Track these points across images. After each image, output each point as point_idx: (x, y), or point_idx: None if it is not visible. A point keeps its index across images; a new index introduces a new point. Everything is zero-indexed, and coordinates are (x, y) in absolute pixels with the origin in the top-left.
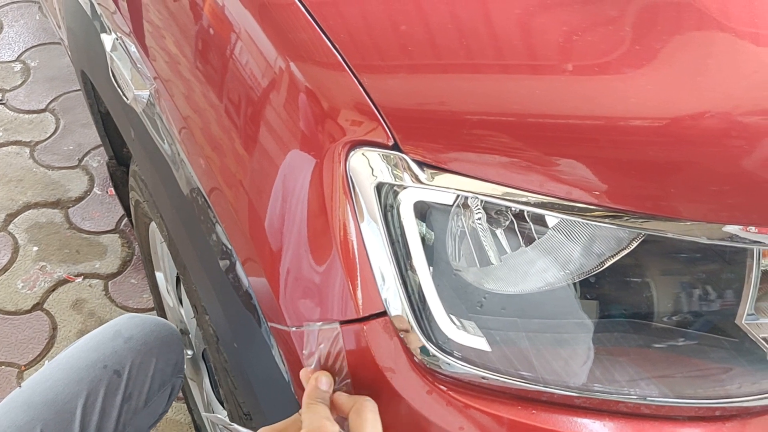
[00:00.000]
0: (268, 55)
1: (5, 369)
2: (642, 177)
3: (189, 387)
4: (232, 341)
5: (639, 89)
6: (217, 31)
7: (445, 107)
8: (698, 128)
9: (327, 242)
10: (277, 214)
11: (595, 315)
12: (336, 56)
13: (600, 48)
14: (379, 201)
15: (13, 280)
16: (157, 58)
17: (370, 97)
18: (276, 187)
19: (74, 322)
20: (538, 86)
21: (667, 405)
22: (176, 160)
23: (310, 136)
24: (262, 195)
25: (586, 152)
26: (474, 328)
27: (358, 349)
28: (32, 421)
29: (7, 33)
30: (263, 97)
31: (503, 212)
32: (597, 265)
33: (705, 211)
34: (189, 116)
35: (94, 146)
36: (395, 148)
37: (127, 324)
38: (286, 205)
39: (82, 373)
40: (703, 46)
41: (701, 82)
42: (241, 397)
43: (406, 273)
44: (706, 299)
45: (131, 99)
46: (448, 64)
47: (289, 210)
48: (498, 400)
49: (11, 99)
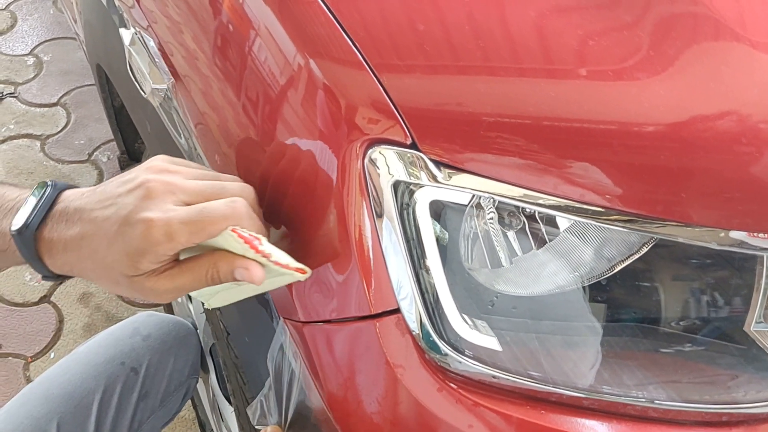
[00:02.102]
0: (287, 52)
1: (12, 360)
2: (654, 182)
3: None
4: (244, 336)
5: (653, 95)
6: (236, 26)
7: (462, 108)
8: (710, 134)
9: (342, 238)
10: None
11: (605, 318)
12: (356, 54)
13: (616, 53)
14: (396, 199)
15: (21, 273)
16: (175, 53)
17: (389, 95)
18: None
19: (81, 315)
20: (553, 89)
21: (675, 409)
22: (193, 155)
23: (327, 133)
24: (278, 191)
25: (601, 156)
26: (485, 328)
27: (370, 345)
28: (49, 414)
29: (20, 26)
30: (281, 93)
31: (515, 214)
32: (608, 269)
33: (716, 217)
34: (206, 112)
35: (104, 141)
36: (413, 146)
37: (146, 322)
38: (300, 201)
39: (99, 369)
40: (719, 54)
41: (715, 89)
42: (249, 392)
43: (420, 271)
44: (714, 305)
45: (148, 93)
46: (465, 65)
47: (303, 206)
48: (507, 400)
49: (23, 92)
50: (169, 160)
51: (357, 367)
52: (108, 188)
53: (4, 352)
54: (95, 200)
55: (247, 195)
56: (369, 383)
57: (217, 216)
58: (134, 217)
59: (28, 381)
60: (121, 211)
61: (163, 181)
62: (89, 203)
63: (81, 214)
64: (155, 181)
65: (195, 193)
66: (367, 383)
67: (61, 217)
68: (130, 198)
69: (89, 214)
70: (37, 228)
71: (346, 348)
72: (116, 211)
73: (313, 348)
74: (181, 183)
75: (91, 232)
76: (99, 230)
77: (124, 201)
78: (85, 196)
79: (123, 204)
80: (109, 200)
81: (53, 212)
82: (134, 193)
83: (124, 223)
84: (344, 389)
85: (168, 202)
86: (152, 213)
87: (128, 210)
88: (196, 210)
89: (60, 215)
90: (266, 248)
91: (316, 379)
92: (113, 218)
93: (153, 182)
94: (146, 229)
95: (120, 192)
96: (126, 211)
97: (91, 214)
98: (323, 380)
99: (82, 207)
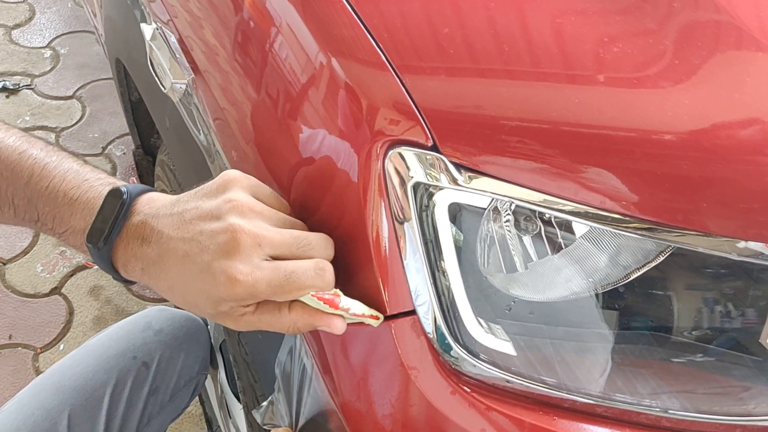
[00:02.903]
0: (309, 50)
1: (22, 351)
2: (675, 190)
3: None
4: (257, 332)
5: (677, 103)
6: (258, 22)
7: (484, 111)
8: (733, 144)
9: (360, 238)
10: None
11: (619, 326)
12: (379, 55)
13: (639, 60)
14: (415, 201)
15: (33, 264)
16: (196, 48)
17: (411, 97)
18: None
19: (90, 308)
20: (577, 95)
21: (688, 419)
22: (211, 151)
23: (347, 133)
24: (295, 189)
25: (622, 163)
26: (501, 332)
27: (384, 347)
28: (61, 405)
29: (38, 19)
30: (301, 91)
31: (531, 218)
32: (623, 277)
33: (733, 227)
34: (225, 107)
35: (118, 135)
36: (434, 149)
37: (158, 317)
38: (319, 201)
39: (111, 362)
40: (742, 63)
41: (738, 99)
42: (260, 390)
43: (437, 274)
44: (729, 316)
45: (168, 88)
46: (488, 68)
47: (321, 206)
48: (520, 405)
49: (40, 84)
50: (252, 189)
51: (371, 367)
52: (187, 213)
53: (13, 343)
54: (173, 225)
55: (330, 253)
56: (382, 384)
57: (305, 283)
58: (218, 268)
59: (37, 372)
60: (204, 255)
61: (251, 233)
62: (167, 227)
63: (159, 238)
64: (243, 232)
65: (282, 247)
66: (381, 384)
67: (137, 233)
68: (214, 242)
69: (168, 242)
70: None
71: (360, 348)
72: (199, 252)
73: (327, 347)
74: (268, 235)
75: (169, 264)
76: (178, 265)
77: (207, 243)
78: (162, 213)
79: (206, 247)
80: (190, 233)
81: (129, 225)
82: (219, 239)
83: (207, 271)
84: (357, 390)
85: (254, 256)
86: (238, 269)
87: (211, 257)
88: (284, 275)
89: (136, 230)
90: (345, 304)
91: (329, 379)
92: (195, 260)
93: (241, 233)
94: (229, 284)
95: (204, 230)
96: (209, 258)
97: (170, 244)
98: (337, 380)
99: (161, 230)
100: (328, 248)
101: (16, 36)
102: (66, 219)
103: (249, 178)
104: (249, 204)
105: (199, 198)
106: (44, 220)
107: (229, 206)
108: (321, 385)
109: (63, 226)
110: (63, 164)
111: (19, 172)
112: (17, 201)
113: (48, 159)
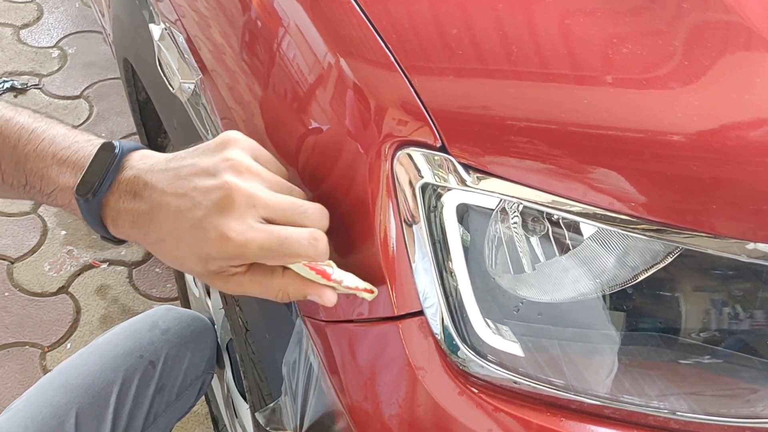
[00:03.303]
0: (317, 50)
1: (29, 349)
2: (685, 191)
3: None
4: (264, 332)
5: (687, 104)
6: (265, 22)
7: (492, 111)
8: (743, 145)
9: (368, 239)
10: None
11: (627, 327)
12: (387, 55)
13: (648, 61)
14: (423, 201)
15: (41, 263)
16: (203, 48)
17: (420, 97)
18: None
19: (97, 307)
20: (586, 96)
21: (696, 421)
22: None
23: (355, 133)
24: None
25: (631, 164)
26: (508, 333)
27: (392, 347)
28: (69, 404)
29: (46, 19)
30: (309, 91)
31: (539, 219)
32: (631, 278)
33: (742, 228)
34: (232, 106)
35: (125, 134)
36: (442, 149)
37: (165, 316)
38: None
39: (118, 361)
40: (751, 64)
41: (747, 100)
42: (267, 389)
43: (444, 274)
44: (738, 318)
45: (177, 88)
46: (496, 69)
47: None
48: (528, 406)
49: (47, 84)
50: (251, 151)
51: (378, 367)
52: (183, 169)
53: (21, 341)
54: (167, 180)
55: (325, 224)
56: (390, 384)
57: (297, 251)
58: (210, 224)
59: (44, 371)
60: (196, 211)
61: (246, 193)
62: (161, 182)
63: (152, 192)
64: (238, 190)
65: (277, 211)
66: (388, 384)
67: (128, 187)
68: (208, 199)
69: (160, 196)
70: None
71: (367, 348)
72: (191, 207)
73: (335, 347)
74: (264, 197)
75: (160, 218)
76: (169, 220)
77: (200, 199)
78: (156, 168)
79: (199, 202)
80: (184, 188)
81: (120, 179)
82: (213, 195)
83: (198, 227)
84: (364, 390)
85: (248, 216)
86: (230, 227)
87: (204, 213)
88: (277, 239)
89: (128, 184)
90: (337, 276)
91: (336, 380)
92: (187, 215)
93: (236, 191)
94: (221, 241)
95: (198, 186)
96: (201, 213)
97: (163, 198)
98: (344, 380)
99: (153, 185)
100: (324, 219)
101: (25, 36)
102: (54, 178)
103: (249, 140)
104: (246, 164)
105: (196, 155)
106: (32, 182)
107: (227, 165)
108: (328, 385)
109: (51, 185)
110: (52, 129)
111: (6, 137)
112: (4, 166)
113: (36, 124)
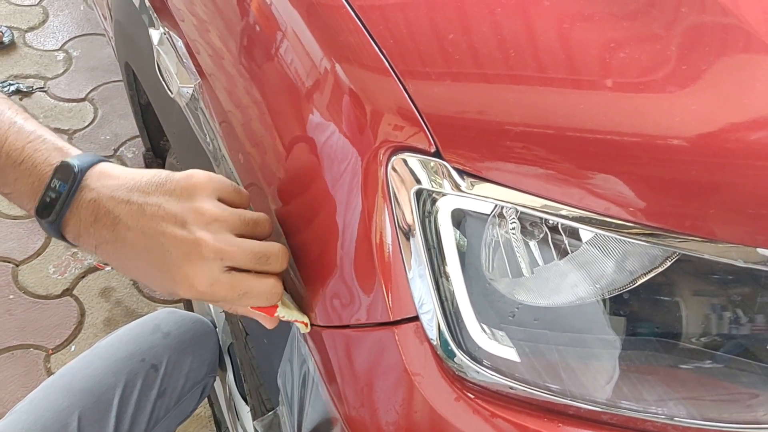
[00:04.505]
0: (314, 56)
1: (34, 352)
2: (683, 196)
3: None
4: (263, 337)
5: (685, 108)
6: (263, 27)
7: (487, 117)
8: (742, 149)
9: (363, 244)
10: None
11: (625, 332)
12: (382, 61)
13: (646, 65)
14: (418, 207)
15: (45, 265)
16: (202, 52)
17: (414, 103)
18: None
19: (102, 309)
20: (583, 101)
21: (695, 427)
22: (217, 156)
23: (351, 138)
24: (299, 193)
25: (629, 169)
26: (505, 338)
27: (388, 353)
28: (71, 407)
29: (51, 22)
30: (306, 97)
31: (538, 224)
32: (629, 283)
33: (740, 233)
34: (230, 110)
35: (129, 137)
36: (437, 155)
37: (167, 319)
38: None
39: (120, 365)
40: (750, 67)
41: (746, 104)
42: (266, 393)
43: (440, 279)
44: (737, 323)
45: (175, 92)
46: (492, 74)
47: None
48: (524, 411)
49: (52, 87)
50: (215, 192)
51: (374, 373)
52: (148, 207)
53: (25, 344)
54: (131, 215)
55: (284, 265)
56: (386, 390)
57: (255, 303)
58: (179, 273)
59: (48, 373)
60: (166, 256)
61: (215, 249)
62: (125, 215)
63: (116, 224)
64: (206, 245)
65: (242, 262)
66: (384, 390)
67: (89, 209)
68: (177, 249)
69: (125, 231)
70: (63, 216)
71: (364, 354)
72: (161, 252)
73: (331, 353)
74: (230, 250)
75: (126, 251)
76: (136, 255)
77: (170, 247)
78: (117, 196)
79: (168, 250)
80: (151, 230)
81: (81, 201)
82: (183, 247)
83: (167, 271)
84: (361, 396)
85: (215, 269)
86: (197, 279)
87: (173, 260)
88: (238, 294)
89: (88, 206)
90: (279, 313)
91: (333, 387)
92: (156, 257)
93: (204, 246)
94: (188, 288)
95: (167, 232)
96: (171, 261)
97: (128, 234)
98: (341, 387)
99: (117, 216)
100: (284, 261)
101: (30, 39)
102: (10, 182)
103: (212, 181)
104: (214, 215)
105: (162, 195)
106: None
107: (194, 217)
108: (324, 393)
109: (7, 187)
110: (2, 119)
111: None
112: None
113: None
